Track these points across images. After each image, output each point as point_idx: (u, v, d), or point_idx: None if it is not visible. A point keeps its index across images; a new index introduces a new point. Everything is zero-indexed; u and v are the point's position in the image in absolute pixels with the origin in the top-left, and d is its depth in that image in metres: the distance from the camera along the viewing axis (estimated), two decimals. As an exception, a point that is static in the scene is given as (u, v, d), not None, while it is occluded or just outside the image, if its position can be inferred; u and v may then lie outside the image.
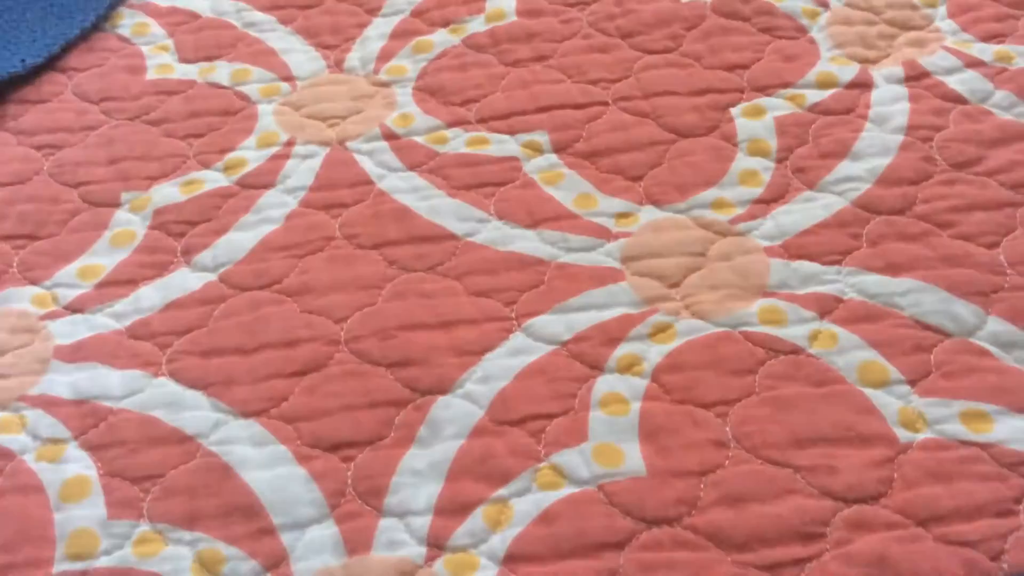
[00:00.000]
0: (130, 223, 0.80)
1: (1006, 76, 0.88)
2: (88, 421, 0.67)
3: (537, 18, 0.96)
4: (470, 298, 0.73)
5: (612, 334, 0.71)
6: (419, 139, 0.85)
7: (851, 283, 0.73)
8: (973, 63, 0.89)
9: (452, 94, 0.89)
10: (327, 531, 0.62)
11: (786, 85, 0.88)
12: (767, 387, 0.67)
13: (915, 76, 0.88)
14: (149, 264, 0.77)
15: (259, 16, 0.98)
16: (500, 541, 0.61)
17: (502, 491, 0.63)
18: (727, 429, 0.66)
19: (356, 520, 0.62)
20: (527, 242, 0.77)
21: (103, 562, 0.61)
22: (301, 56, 0.94)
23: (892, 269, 0.74)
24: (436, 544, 0.61)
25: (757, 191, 0.80)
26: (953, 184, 0.79)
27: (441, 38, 0.95)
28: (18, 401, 0.68)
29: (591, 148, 0.84)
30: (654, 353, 0.70)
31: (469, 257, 0.76)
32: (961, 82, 0.88)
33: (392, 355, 0.70)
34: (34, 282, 0.76)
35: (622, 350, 0.70)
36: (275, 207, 0.80)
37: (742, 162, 0.82)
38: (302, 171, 0.83)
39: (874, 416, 0.66)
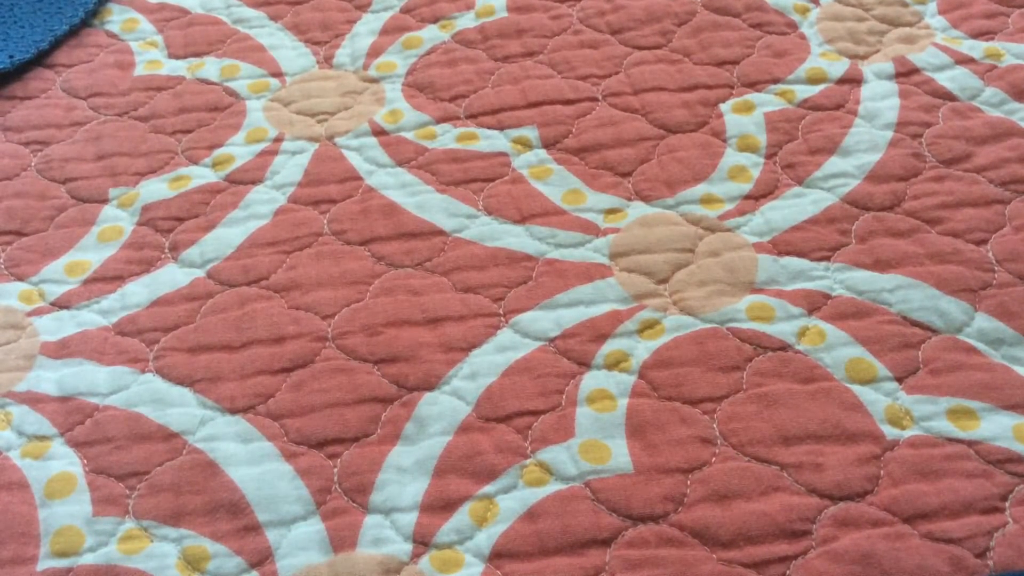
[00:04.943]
0: (118, 219, 0.80)
1: (996, 73, 0.88)
2: (74, 418, 0.67)
3: (527, 14, 0.96)
4: (458, 294, 0.73)
5: (600, 330, 0.71)
6: (408, 135, 0.85)
7: (839, 279, 0.73)
8: (963, 60, 0.89)
9: (441, 90, 0.89)
10: (312, 528, 0.61)
11: (776, 81, 0.88)
12: (754, 384, 0.67)
13: (905, 72, 0.88)
14: (136, 260, 0.77)
15: (248, 12, 0.98)
16: (486, 538, 0.61)
17: (488, 488, 0.63)
18: (714, 426, 0.65)
19: (342, 517, 0.62)
20: (515, 238, 0.77)
21: (88, 559, 0.61)
22: (290, 52, 0.94)
23: (880, 265, 0.74)
24: (422, 541, 0.61)
25: (746, 187, 0.80)
26: (942, 181, 0.79)
27: (431, 34, 0.95)
28: (4, 397, 0.68)
29: (580, 144, 0.84)
30: (642, 349, 0.69)
31: (457, 253, 0.76)
32: (951, 79, 0.87)
33: (379, 351, 0.70)
34: (21, 278, 0.76)
35: (610, 346, 0.70)
36: (263, 203, 0.80)
37: (731, 158, 0.82)
38: (291, 167, 0.83)
39: (861, 413, 0.66)
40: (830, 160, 0.81)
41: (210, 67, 0.92)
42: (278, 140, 0.85)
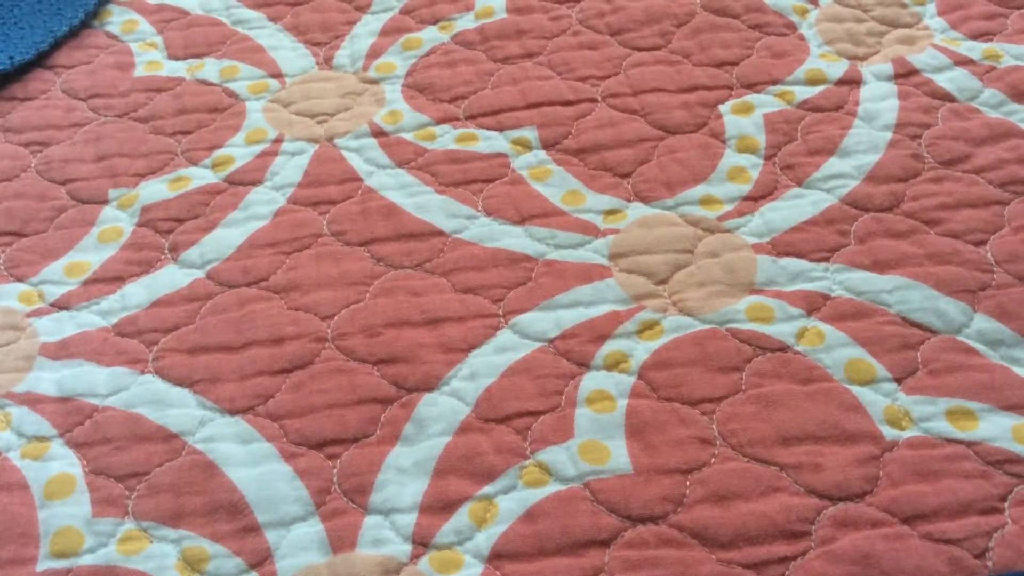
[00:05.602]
0: (117, 220, 0.80)
1: (995, 75, 0.88)
2: (73, 419, 0.67)
3: (527, 15, 0.96)
4: (457, 295, 0.73)
5: (599, 331, 0.71)
6: (407, 136, 0.85)
7: (839, 280, 0.73)
8: (962, 61, 0.89)
9: (441, 91, 0.89)
10: (312, 529, 0.62)
11: (775, 82, 0.88)
12: (753, 384, 0.67)
13: (904, 73, 0.88)
14: (136, 261, 0.77)
15: (248, 13, 0.98)
16: (485, 539, 0.61)
17: (487, 489, 0.63)
18: (713, 426, 0.65)
19: (341, 518, 0.62)
20: (515, 239, 0.77)
21: (87, 560, 0.61)
22: (290, 53, 0.94)
23: (879, 266, 0.74)
24: (421, 542, 0.61)
25: (745, 188, 0.80)
26: (941, 181, 0.79)
27: (430, 35, 0.95)
28: (3, 398, 0.68)
29: (580, 145, 0.84)
30: (641, 350, 0.70)
31: (457, 254, 0.76)
32: (950, 80, 0.88)
33: (378, 352, 0.70)
34: (20, 279, 0.76)
35: (609, 347, 0.70)
36: (263, 204, 0.80)
37: (730, 159, 0.82)
38: (290, 168, 0.83)
39: (860, 414, 0.66)
40: (829, 161, 0.81)
41: (210, 68, 0.92)
42: (278, 141, 0.85)
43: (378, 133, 0.85)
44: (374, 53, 0.93)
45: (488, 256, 0.76)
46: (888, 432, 0.65)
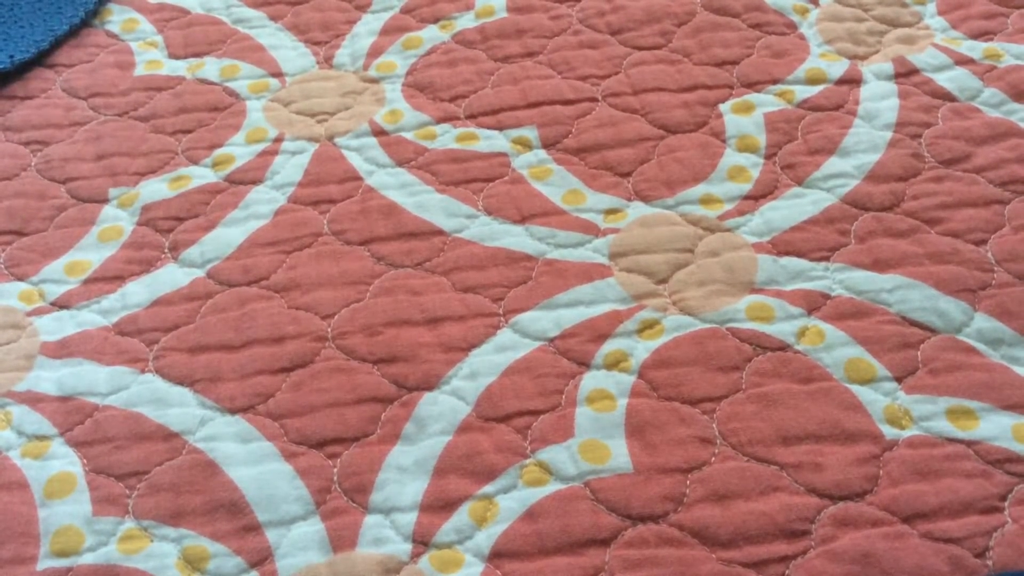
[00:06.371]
0: (118, 219, 0.80)
1: (995, 74, 0.88)
2: (74, 417, 0.67)
3: (527, 14, 0.96)
4: (457, 294, 0.73)
5: (599, 330, 0.71)
6: (408, 135, 0.85)
7: (839, 279, 0.73)
8: (962, 60, 0.89)
9: (441, 90, 0.89)
10: (312, 528, 0.62)
11: (775, 81, 0.88)
12: (754, 384, 0.67)
13: (904, 73, 0.88)
14: (136, 260, 0.77)
15: (249, 12, 0.98)
16: (486, 538, 0.61)
17: (488, 488, 0.63)
18: (713, 426, 0.65)
19: (341, 517, 0.62)
20: (515, 238, 0.77)
21: (88, 559, 0.61)
22: (290, 52, 0.94)
23: (880, 265, 0.74)
24: (421, 541, 0.61)
25: (746, 187, 0.80)
26: (941, 181, 0.79)
27: (431, 34, 0.95)
28: (4, 397, 0.68)
29: (580, 144, 0.84)
30: (641, 349, 0.70)
31: (457, 253, 0.76)
32: (950, 79, 0.88)
33: (379, 351, 0.70)
34: (21, 278, 0.76)
35: (609, 346, 0.70)
36: (263, 203, 0.80)
37: (731, 158, 0.82)
38: (291, 167, 0.83)
39: (860, 413, 0.66)
40: (829, 160, 0.81)
41: (210, 67, 0.92)
42: (278, 140, 0.85)
43: (378, 132, 0.85)
44: (374, 52, 0.93)
45: (488, 255, 0.76)
46: (888, 431, 0.65)
